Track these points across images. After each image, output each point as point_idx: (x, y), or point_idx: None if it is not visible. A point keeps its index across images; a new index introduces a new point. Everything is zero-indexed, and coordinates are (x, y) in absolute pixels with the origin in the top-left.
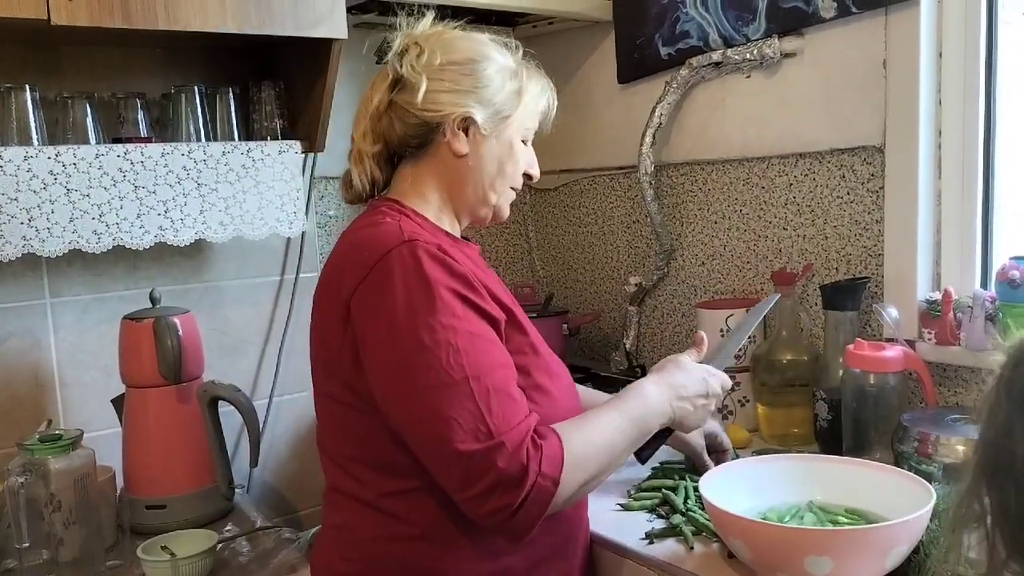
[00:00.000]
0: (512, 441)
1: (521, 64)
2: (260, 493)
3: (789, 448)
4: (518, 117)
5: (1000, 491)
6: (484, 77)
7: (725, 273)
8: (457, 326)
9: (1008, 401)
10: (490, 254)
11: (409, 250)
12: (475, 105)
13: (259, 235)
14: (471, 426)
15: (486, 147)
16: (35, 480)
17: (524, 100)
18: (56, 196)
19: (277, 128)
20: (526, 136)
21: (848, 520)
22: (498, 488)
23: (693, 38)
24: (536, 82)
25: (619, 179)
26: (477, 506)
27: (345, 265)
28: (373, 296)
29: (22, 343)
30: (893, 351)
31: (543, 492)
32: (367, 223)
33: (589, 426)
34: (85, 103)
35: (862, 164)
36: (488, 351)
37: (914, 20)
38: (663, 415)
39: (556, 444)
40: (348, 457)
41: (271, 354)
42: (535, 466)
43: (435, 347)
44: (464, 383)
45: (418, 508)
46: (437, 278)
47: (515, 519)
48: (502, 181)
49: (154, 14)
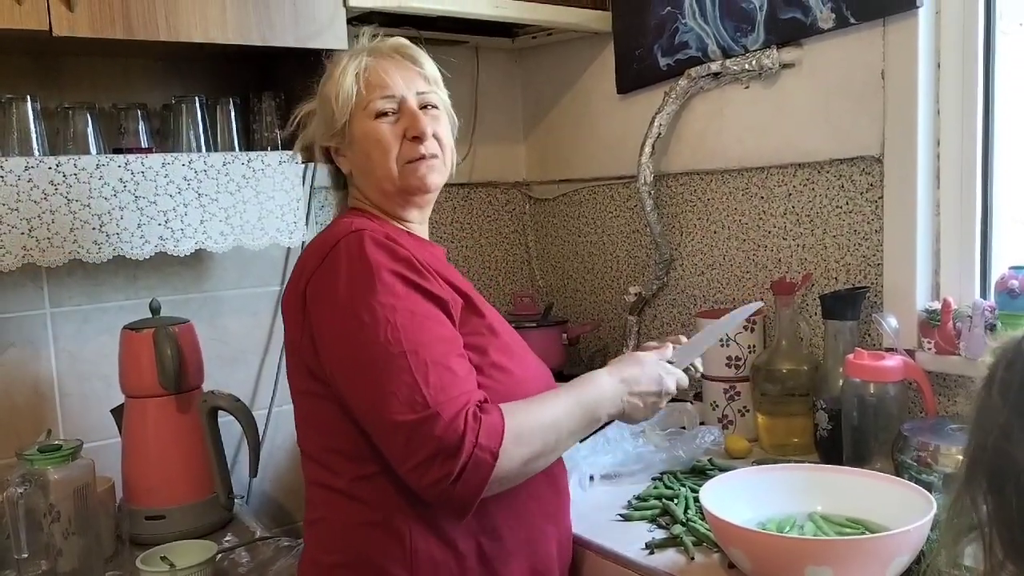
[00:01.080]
0: (448, 411)
1: (348, 55)
2: (259, 503)
3: (789, 458)
4: (349, 104)
5: (999, 495)
6: (319, 103)
7: (724, 283)
8: (396, 304)
9: (1004, 404)
10: (489, 263)
11: (356, 238)
12: (321, 131)
13: (259, 245)
14: (407, 398)
15: (352, 154)
16: (34, 490)
17: (335, 89)
18: (57, 206)
19: (277, 138)
20: (377, 108)
21: (849, 530)
22: (436, 458)
23: (692, 49)
24: (349, 59)
25: (618, 189)
26: (418, 477)
27: (304, 263)
28: (322, 282)
29: (22, 353)
30: (893, 361)
31: (481, 463)
32: (327, 227)
33: (537, 405)
34: (86, 113)
35: (861, 174)
36: (428, 328)
37: (912, 31)
38: (613, 406)
39: (497, 417)
40: (321, 448)
41: (271, 364)
42: (472, 436)
43: (374, 324)
44: (401, 357)
45: (381, 492)
46: (379, 261)
47: (455, 490)
48: (380, 165)
49: (155, 25)
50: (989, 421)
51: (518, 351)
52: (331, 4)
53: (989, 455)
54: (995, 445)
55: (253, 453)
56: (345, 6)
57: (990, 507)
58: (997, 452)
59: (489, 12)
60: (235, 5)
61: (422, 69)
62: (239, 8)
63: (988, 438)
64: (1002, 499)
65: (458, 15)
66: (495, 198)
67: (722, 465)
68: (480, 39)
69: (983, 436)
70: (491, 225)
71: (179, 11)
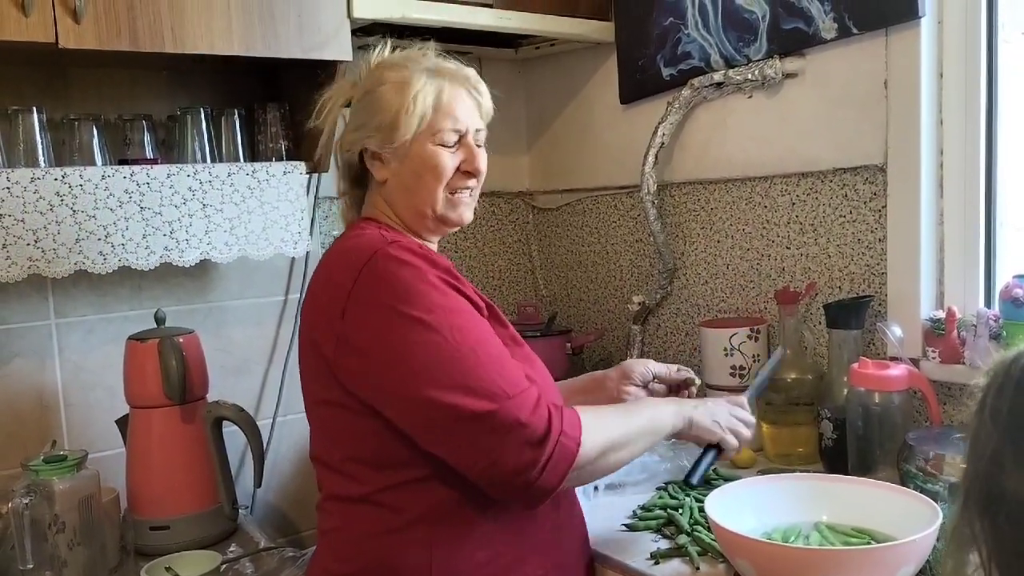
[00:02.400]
0: (529, 400)
1: (419, 70)
2: (264, 513)
3: (794, 467)
4: (413, 123)
5: (993, 523)
6: (376, 105)
7: (728, 292)
8: (451, 305)
9: (996, 431)
10: (493, 273)
11: (394, 249)
12: (372, 135)
13: (263, 255)
14: (487, 390)
15: (398, 166)
16: (39, 501)
17: (409, 106)
18: (62, 217)
19: (282, 149)
20: (443, 138)
21: (854, 540)
22: (524, 444)
23: (695, 59)
24: (428, 81)
25: (622, 198)
26: (502, 466)
27: (332, 275)
28: (367, 294)
29: (27, 364)
30: (897, 370)
31: (567, 451)
32: (349, 236)
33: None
34: (92, 125)
35: (864, 183)
36: (484, 326)
37: (915, 40)
38: (670, 411)
39: (574, 412)
40: (344, 458)
41: (275, 374)
42: (558, 424)
43: (438, 325)
44: (472, 354)
45: (414, 498)
46: (424, 268)
47: (540, 478)
48: (427, 191)
49: (161, 37)
50: (981, 447)
51: (535, 360)
52: (336, 16)
53: (981, 482)
54: (987, 472)
55: (257, 463)
56: (350, 17)
57: (986, 532)
58: (989, 480)
59: (492, 23)
60: (240, 17)
61: (482, 105)
62: (244, 20)
63: (980, 465)
64: (995, 526)
65: (462, 26)
66: (499, 208)
67: (727, 475)
68: (483, 50)
69: (976, 462)
70: (495, 235)
71: (185, 23)
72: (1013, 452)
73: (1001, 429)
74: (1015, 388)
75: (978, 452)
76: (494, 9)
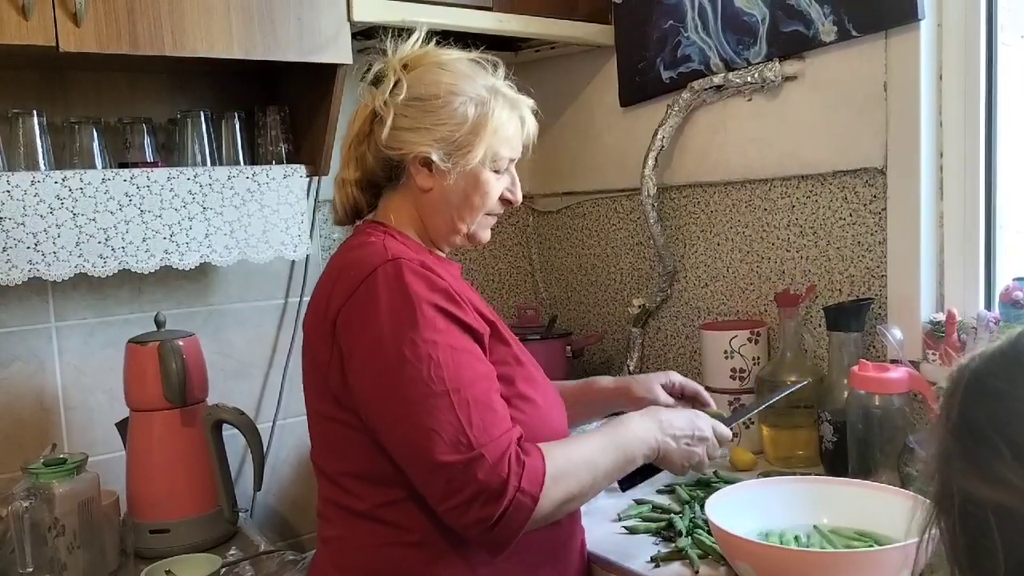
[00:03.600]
0: (492, 454)
1: (494, 91)
2: (264, 516)
3: (794, 470)
4: (484, 149)
5: (946, 523)
6: (445, 113)
7: (728, 295)
8: (438, 340)
9: (945, 430)
10: (493, 275)
11: (394, 267)
12: (433, 143)
13: (264, 258)
14: (452, 438)
15: (449, 181)
16: (39, 504)
17: (490, 131)
18: (62, 220)
19: (282, 152)
20: (498, 165)
21: (855, 542)
22: (478, 500)
23: (694, 62)
24: (507, 110)
25: (622, 201)
26: (457, 517)
27: (333, 285)
28: (358, 313)
29: (27, 367)
30: (898, 372)
31: (522, 507)
32: (354, 245)
33: (572, 445)
34: (92, 128)
35: (864, 186)
36: (469, 363)
37: (914, 43)
38: (646, 445)
39: (538, 460)
40: (340, 472)
41: (275, 377)
42: (515, 481)
43: (416, 361)
44: (444, 396)
45: (413, 516)
46: (420, 293)
47: (494, 531)
48: (470, 211)
49: (161, 40)
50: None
51: (539, 378)
52: (336, 19)
53: (935, 482)
54: (939, 471)
55: (257, 466)
56: (350, 20)
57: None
58: (940, 479)
59: (492, 26)
60: (240, 20)
61: (529, 134)
62: (244, 23)
63: (932, 465)
64: (948, 526)
65: (461, 29)
66: None
67: (727, 477)
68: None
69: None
70: (495, 238)
71: (185, 26)
72: (960, 451)
73: (949, 428)
74: (964, 391)
75: (932, 453)
76: (494, 12)
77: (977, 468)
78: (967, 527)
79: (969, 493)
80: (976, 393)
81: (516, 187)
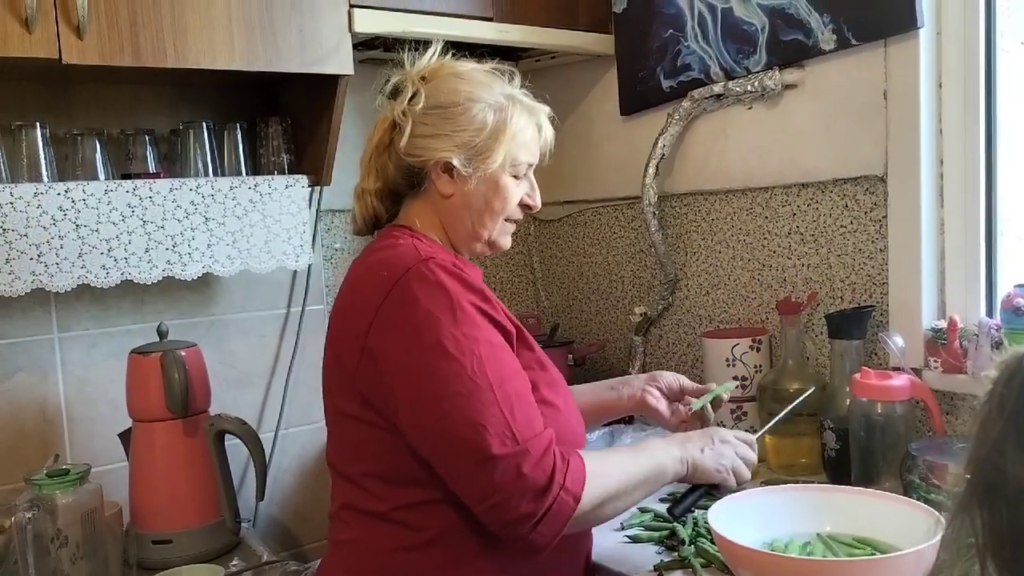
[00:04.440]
0: (537, 449)
1: (511, 98)
2: (266, 527)
3: (797, 478)
4: (503, 154)
5: (991, 511)
6: (464, 120)
7: (730, 303)
8: (479, 336)
9: (1001, 418)
10: (495, 284)
11: (428, 267)
12: (454, 149)
13: (266, 268)
14: (498, 432)
15: (470, 187)
16: (42, 515)
17: (509, 136)
18: (65, 232)
19: (284, 162)
20: (517, 171)
21: (858, 551)
22: (525, 496)
23: (694, 70)
24: (525, 116)
25: (623, 210)
26: (500, 514)
27: (364, 286)
28: (396, 312)
29: (30, 378)
30: (900, 380)
31: (565, 506)
32: (383, 246)
33: (604, 455)
34: (95, 139)
35: (864, 193)
36: (507, 361)
37: (913, 51)
38: (673, 457)
39: (579, 461)
40: (361, 473)
41: (277, 387)
42: (560, 478)
43: (460, 355)
44: (489, 390)
45: (433, 517)
46: (456, 291)
47: (536, 531)
48: (491, 217)
49: (163, 53)
50: (985, 435)
51: (561, 384)
52: (337, 30)
53: (983, 468)
54: (989, 458)
55: (260, 476)
56: (351, 32)
57: (984, 522)
58: (990, 466)
59: (493, 36)
60: (242, 32)
61: (547, 140)
62: (246, 34)
63: (982, 451)
64: (993, 514)
65: (462, 39)
66: None
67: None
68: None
69: (979, 450)
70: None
71: (187, 38)
72: (1015, 438)
73: (1006, 416)
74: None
75: (981, 439)
76: (495, 23)
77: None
78: (1018, 516)
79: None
80: None
81: (535, 192)
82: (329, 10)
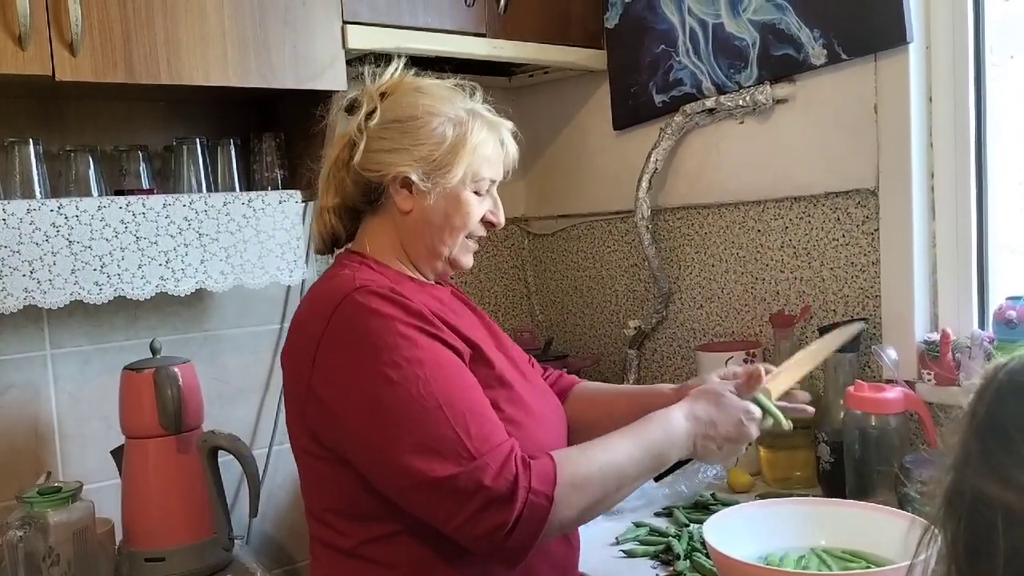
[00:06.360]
0: (495, 459)
1: (472, 113)
2: (260, 543)
3: (792, 491)
4: (464, 168)
5: (954, 522)
6: (423, 133)
7: (723, 316)
8: (423, 357)
9: (969, 429)
10: (489, 299)
11: (361, 296)
12: (413, 163)
13: (259, 284)
14: (451, 451)
15: (429, 202)
16: (34, 533)
17: (469, 150)
18: (58, 248)
19: (277, 178)
20: (479, 187)
21: (853, 564)
22: (489, 507)
23: (686, 85)
24: (486, 130)
25: (616, 224)
26: (470, 529)
27: (305, 321)
28: (334, 344)
29: (22, 395)
30: (893, 392)
31: (537, 509)
32: (326, 277)
33: (597, 448)
34: (88, 156)
35: (856, 207)
36: (459, 375)
37: (903, 66)
38: (684, 449)
39: (547, 463)
40: (323, 509)
41: (271, 403)
42: (525, 482)
43: (404, 381)
44: (438, 410)
45: (400, 552)
46: (394, 315)
47: (511, 539)
48: (451, 233)
49: (157, 69)
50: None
51: (528, 400)
52: (331, 46)
53: (949, 479)
54: (955, 467)
55: (253, 493)
56: (344, 48)
57: (948, 535)
58: (955, 476)
59: (486, 52)
60: (235, 48)
61: (511, 156)
62: (239, 51)
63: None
64: (954, 524)
65: (455, 55)
66: (494, 234)
67: (725, 500)
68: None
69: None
70: (490, 261)
71: (180, 54)
72: (980, 450)
73: (973, 428)
74: (995, 392)
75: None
76: (488, 39)
77: (994, 468)
78: (973, 527)
79: (982, 492)
80: (1007, 393)
81: (499, 209)
82: (323, 26)
